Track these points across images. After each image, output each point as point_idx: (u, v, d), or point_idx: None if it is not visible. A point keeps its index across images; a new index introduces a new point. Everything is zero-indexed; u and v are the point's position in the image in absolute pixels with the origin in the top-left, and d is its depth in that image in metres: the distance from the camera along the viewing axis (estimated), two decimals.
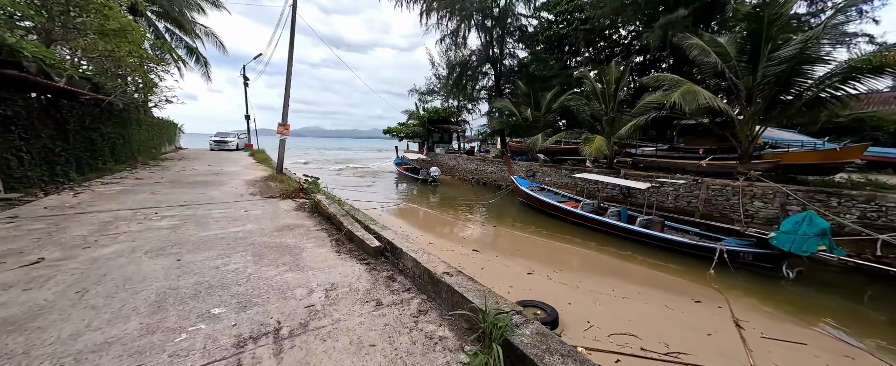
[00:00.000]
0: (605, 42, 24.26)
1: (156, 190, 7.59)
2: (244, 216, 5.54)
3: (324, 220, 5.43)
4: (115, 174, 9.78)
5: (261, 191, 8.12)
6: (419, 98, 34.63)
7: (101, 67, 11.03)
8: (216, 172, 11.68)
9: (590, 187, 13.88)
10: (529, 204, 13.66)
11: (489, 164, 21.68)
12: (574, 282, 6.12)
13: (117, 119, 12.01)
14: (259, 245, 4.14)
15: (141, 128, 15.03)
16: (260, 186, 8.95)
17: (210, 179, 9.67)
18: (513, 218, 12.40)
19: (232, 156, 19.34)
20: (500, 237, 9.49)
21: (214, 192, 7.74)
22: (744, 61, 8.94)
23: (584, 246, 8.83)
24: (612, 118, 12.81)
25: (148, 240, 4.15)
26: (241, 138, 26.32)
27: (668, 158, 13.13)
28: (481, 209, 13.71)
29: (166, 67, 16.15)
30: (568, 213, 11.08)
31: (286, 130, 11.06)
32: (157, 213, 5.52)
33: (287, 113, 11.14)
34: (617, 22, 24.55)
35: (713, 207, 9.85)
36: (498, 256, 7.50)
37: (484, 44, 20.34)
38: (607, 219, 9.75)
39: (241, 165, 14.20)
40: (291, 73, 11.12)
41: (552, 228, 10.74)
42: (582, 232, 10.16)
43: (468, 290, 2.51)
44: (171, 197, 6.86)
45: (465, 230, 10.65)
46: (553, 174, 16.26)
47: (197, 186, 8.50)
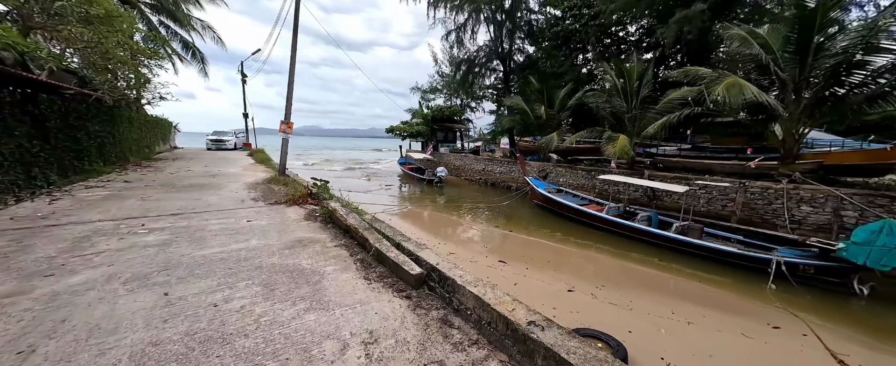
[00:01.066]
0: (610, 39, 23.54)
1: (146, 195, 6.77)
2: (247, 228, 4.74)
3: (341, 233, 4.63)
4: (103, 177, 8.93)
5: (263, 196, 7.32)
6: (422, 96, 33.86)
7: (88, 60, 10.17)
8: (213, 173, 10.86)
9: (613, 190, 13.14)
10: (546, 207, 12.90)
11: (497, 164, 20.92)
12: (624, 302, 5.36)
13: (106, 116, 11.15)
14: (268, 269, 3.35)
15: (133, 126, 14.18)
16: (262, 189, 8.14)
17: (207, 182, 8.85)
18: (531, 222, 11.64)
19: (230, 156, 18.48)
20: (525, 246, 8.72)
21: (212, 197, 6.93)
22: (791, 52, 8.20)
23: (618, 256, 8.07)
24: (634, 116, 12.05)
25: (129, 263, 3.35)
26: (240, 137, 25.43)
27: (692, 159, 12.40)
28: (495, 212, 12.94)
29: (160, 62, 15.26)
30: (592, 217, 10.32)
31: (289, 129, 10.24)
32: (144, 224, 4.71)
33: (290, 110, 10.31)
34: (625, 18, 23.91)
35: (752, 211, 9.12)
36: (528, 268, 6.73)
37: (493, 38, 19.54)
38: (638, 225, 9.00)
39: (240, 166, 13.36)
40: (294, 69, 10.30)
41: (574, 234, 9.99)
42: (607, 238, 9.41)
43: (580, 357, 1.73)
44: (162, 204, 6.04)
45: (482, 236, 9.87)
46: (568, 175, 15.51)
47: (192, 190, 7.68)
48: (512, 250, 8.31)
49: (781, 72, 8.36)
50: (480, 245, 8.71)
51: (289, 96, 10.28)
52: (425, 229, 10.22)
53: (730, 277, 6.93)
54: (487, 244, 8.86)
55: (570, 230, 10.39)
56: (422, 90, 34.85)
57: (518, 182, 18.37)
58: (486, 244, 8.84)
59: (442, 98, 35.34)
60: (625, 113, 12.33)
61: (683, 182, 10.05)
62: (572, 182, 15.14)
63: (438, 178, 19.04)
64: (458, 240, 9.20)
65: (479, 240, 9.35)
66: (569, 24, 22.33)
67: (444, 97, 35.35)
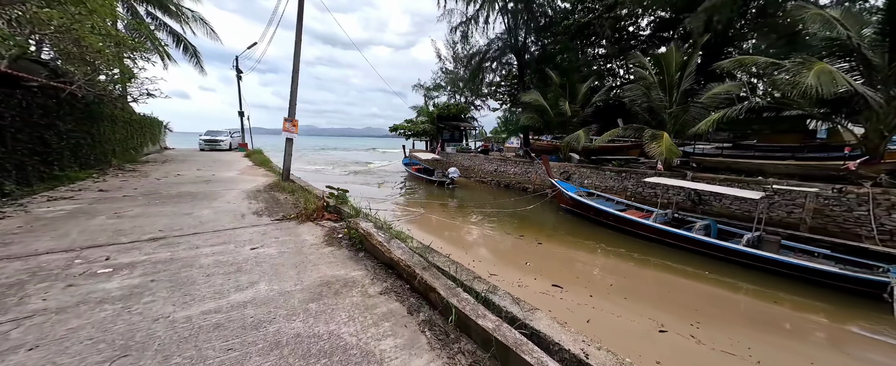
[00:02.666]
0: (620, 34, 22.39)
1: (122, 209, 5.47)
2: (251, 261, 3.49)
3: (381, 267, 3.39)
4: (75, 185, 7.60)
5: (267, 208, 6.05)
6: (425, 93, 32.58)
7: (59, 48, 8.81)
8: (207, 178, 9.54)
9: (647, 193, 11.98)
10: (576, 212, 11.73)
11: (511, 164, 19.72)
12: (742, 351, 4.17)
13: (82, 114, 9.79)
14: (291, 348, 2.10)
15: (116, 125, 12.80)
16: (265, 199, 6.86)
17: (199, 190, 7.55)
18: (561, 230, 10.47)
19: (225, 157, 17.10)
20: (571, 262, 7.53)
21: (204, 210, 5.64)
22: (881, 34, 7.09)
23: (689, 275, 6.85)
24: (675, 111, 10.88)
25: (65, 343, 2.09)
26: (235, 137, 24.00)
27: (738, 158, 11.26)
28: (519, 218, 11.75)
29: (146, 55, 13.86)
30: (636, 225, 9.15)
31: (294, 127, 8.95)
32: (109, 258, 3.44)
33: (294, 107, 9.03)
34: (637, 11, 22.79)
35: (828, 218, 7.99)
36: (592, 296, 5.53)
37: (508, 29, 18.31)
38: (696, 235, 7.83)
39: (237, 169, 12.04)
40: (299, 59, 9.01)
41: (614, 243, 8.84)
42: (654, 249, 8.27)
43: None
44: (140, 222, 4.76)
45: (516, 249, 8.65)
46: (594, 176, 14.34)
47: (181, 200, 6.38)
48: (559, 268, 7.10)
49: (873, 58, 7.21)
50: (519, 260, 7.50)
51: (293, 91, 8.99)
52: (451, 242, 9.00)
53: (828, 301, 5.79)
54: (527, 259, 7.65)
55: (609, 239, 9.24)
56: (425, 88, 33.62)
57: (535, 184, 17.19)
58: (526, 259, 7.63)
59: (446, 95, 34.15)
60: (665, 108, 11.15)
61: (753, 187, 8.85)
62: (599, 184, 13.98)
63: (450, 179, 17.82)
64: (493, 254, 7.98)
65: (514, 254, 8.13)
66: (580, 18, 21.21)
67: (448, 94, 34.17)
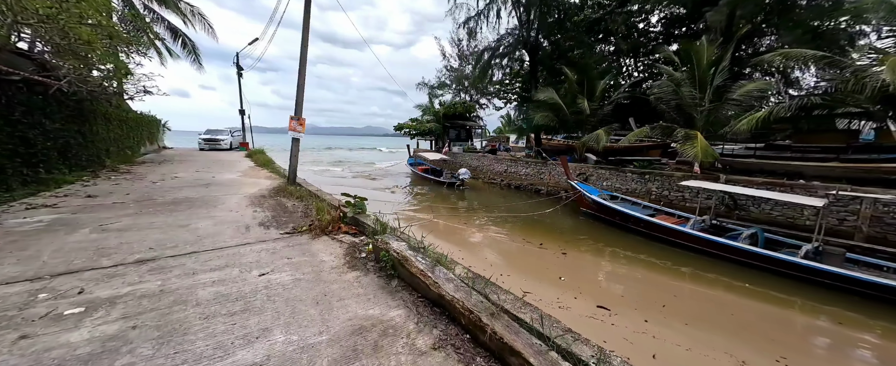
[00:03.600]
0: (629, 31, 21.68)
1: (109, 220, 4.77)
2: (261, 294, 2.79)
3: (424, 304, 2.69)
4: (61, 189, 6.90)
5: (275, 217, 5.35)
6: (429, 92, 31.85)
7: (44, 38, 8.10)
8: (206, 181, 8.84)
9: (675, 197, 11.28)
10: (599, 217, 11.04)
11: (522, 165, 19.01)
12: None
13: (73, 111, 9.12)
14: None
15: (111, 124, 12.12)
16: (271, 206, 6.17)
17: (197, 195, 6.85)
18: (585, 235, 9.78)
19: (226, 157, 16.41)
20: (612, 276, 6.83)
21: (203, 221, 4.95)
22: None
23: (749, 294, 6.15)
24: (707, 110, 10.16)
25: None
26: (236, 136, 23.29)
27: (774, 160, 10.56)
28: (537, 223, 11.06)
29: (142, 49, 13.15)
30: (671, 232, 8.46)
31: (301, 126, 8.25)
32: (82, 290, 2.74)
33: (301, 104, 8.32)
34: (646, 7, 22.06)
35: (888, 227, 7.29)
36: (647, 321, 4.84)
37: (520, 24, 17.56)
38: (742, 245, 7.14)
39: (239, 171, 11.34)
40: (306, 53, 8.30)
41: (645, 251, 8.17)
42: (692, 259, 7.61)
43: None
44: (128, 237, 4.06)
45: (543, 260, 7.93)
46: (614, 178, 13.64)
47: (177, 208, 5.68)
48: (597, 283, 6.41)
49: None
50: (550, 274, 6.81)
51: (300, 86, 8.28)
52: (469, 250, 8.31)
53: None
54: (557, 272, 6.96)
55: (638, 247, 8.57)
56: (430, 86, 32.89)
57: (549, 185, 16.50)
58: (556, 272, 6.94)
59: (450, 94, 33.41)
60: (696, 106, 10.43)
61: (813, 192, 8.13)
62: (620, 186, 13.28)
63: (461, 180, 17.13)
64: (519, 266, 7.28)
65: (542, 266, 7.43)
66: (591, 14, 20.50)
67: (452, 93, 33.42)
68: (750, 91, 10.12)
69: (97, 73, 11.60)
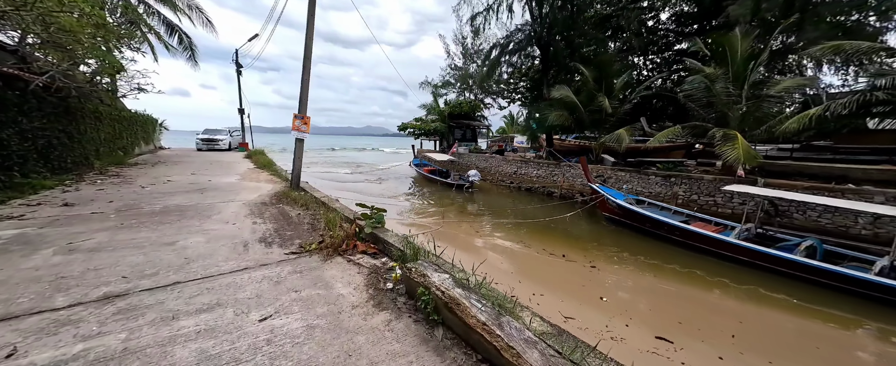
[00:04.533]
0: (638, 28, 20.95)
1: (81, 236, 4.02)
2: (264, 356, 2.03)
3: None
4: (38, 195, 6.14)
5: (278, 231, 4.59)
6: (433, 91, 31.13)
7: (21, 28, 7.35)
8: (202, 185, 8.09)
9: (706, 201, 10.53)
10: (621, 222, 10.30)
11: (533, 166, 18.27)
12: None
13: (57, 109, 8.37)
14: None
15: (101, 123, 11.36)
16: (273, 215, 5.41)
17: (190, 203, 6.09)
18: (608, 243, 9.05)
19: (224, 158, 15.65)
20: (658, 295, 6.06)
21: (193, 236, 4.19)
22: None
23: (826, 318, 5.40)
24: (745, 108, 9.39)
25: None
26: (235, 136, 22.53)
27: (814, 162, 9.80)
28: (551, 229, 10.32)
29: (135, 44, 12.40)
30: (713, 242, 7.69)
31: (305, 125, 7.49)
32: (15, 350, 1.98)
33: (306, 101, 7.57)
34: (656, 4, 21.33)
35: None
36: (722, 359, 4.08)
37: (533, 18, 16.79)
38: (799, 258, 6.38)
39: (238, 173, 10.58)
40: (311, 44, 7.54)
41: (680, 262, 7.44)
42: (737, 271, 6.90)
43: None
44: (98, 261, 3.31)
45: (577, 277, 7.11)
46: (635, 181, 12.89)
47: (165, 219, 4.93)
48: (643, 304, 5.66)
49: None
50: (587, 293, 6.05)
51: (304, 81, 7.51)
52: (492, 264, 7.54)
53: None
54: (596, 290, 6.21)
55: (673, 257, 7.87)
56: (433, 85, 32.17)
57: (563, 188, 15.76)
58: (595, 290, 6.19)
59: (455, 93, 32.69)
60: (732, 104, 9.64)
61: (869, 198, 7.38)
62: (642, 190, 12.53)
63: (470, 182, 16.39)
64: (550, 284, 6.50)
65: (575, 282, 6.66)
66: (601, 10, 19.77)
67: (456, 91, 32.70)
68: (788, 88, 9.37)
69: (86, 69, 10.89)
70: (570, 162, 16.04)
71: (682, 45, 24.92)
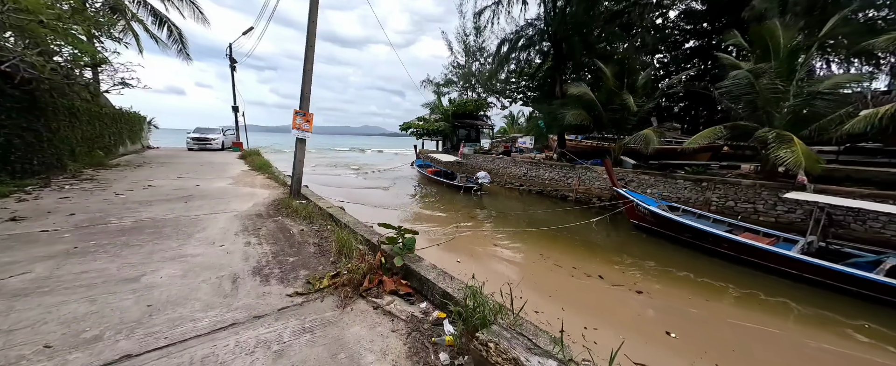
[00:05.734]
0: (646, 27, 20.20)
1: (7, 271, 3.00)
2: None
3: None
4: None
5: (277, 255, 3.60)
6: (435, 89, 30.22)
7: None
8: (188, 191, 7.05)
9: (742, 208, 9.65)
10: (651, 230, 9.42)
11: (545, 168, 17.33)
12: None
13: (22, 104, 7.30)
14: None
15: (79, 120, 10.28)
16: (271, 233, 4.41)
17: (170, 215, 5.06)
18: (643, 257, 8.10)
19: (216, 159, 14.57)
20: (742, 333, 5.12)
21: (165, 268, 3.19)
22: None
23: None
24: (795, 106, 8.49)
25: None
26: (228, 136, 21.34)
27: (867, 166, 8.94)
28: (573, 238, 9.41)
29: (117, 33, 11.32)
30: (771, 257, 6.79)
31: (308, 124, 6.48)
32: None
33: (309, 95, 6.56)
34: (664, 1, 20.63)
35: None
36: None
37: (547, 12, 15.87)
38: (884, 279, 5.50)
39: (231, 177, 9.54)
40: (314, 30, 6.53)
41: (737, 281, 6.54)
42: (803, 291, 6.03)
43: None
44: (18, 314, 2.30)
45: (627, 304, 6.10)
46: (661, 185, 12.00)
47: (134, 239, 3.91)
48: (727, 342, 4.72)
49: None
50: (653, 329, 5.10)
51: (306, 72, 6.50)
52: (523, 288, 6.55)
53: None
54: (660, 323, 5.27)
55: (721, 273, 6.96)
56: (436, 83, 31.25)
57: (578, 192, 14.84)
58: (659, 324, 5.25)
59: (457, 91, 31.81)
60: (778, 101, 8.74)
61: None
62: (668, 195, 11.62)
63: (479, 185, 15.45)
64: (607, 317, 5.47)
65: (630, 313, 5.68)
66: (612, 6, 18.95)
67: (459, 90, 31.82)
68: (839, 84, 8.52)
69: (60, 59, 9.81)
70: (585, 164, 15.14)
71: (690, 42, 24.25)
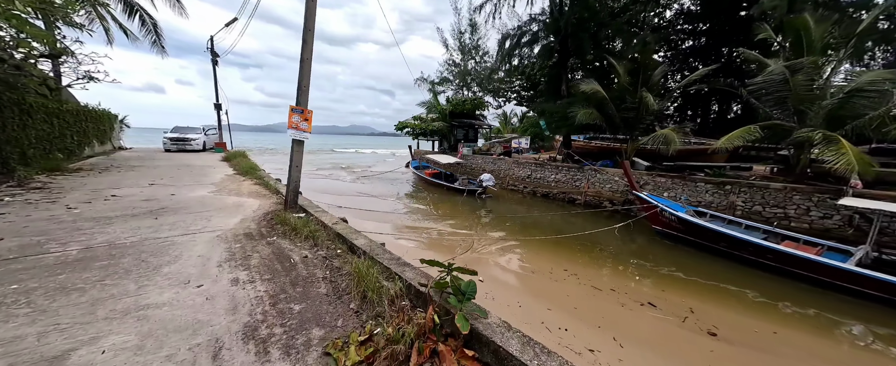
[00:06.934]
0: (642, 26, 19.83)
1: None
2: None
3: None
4: None
5: (277, 301, 2.60)
6: (430, 88, 29.27)
7: None
8: (160, 202, 5.91)
9: (768, 213, 9.06)
10: (677, 237, 8.74)
11: (550, 170, 16.61)
12: None
13: None
14: None
15: (33, 118, 8.94)
16: (264, 261, 3.38)
17: (132, 238, 3.97)
18: (687, 270, 7.36)
19: (196, 161, 13.24)
20: None
21: (115, 333, 2.15)
22: None
23: None
24: (832, 105, 7.91)
25: None
26: (210, 135, 19.85)
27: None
28: (599, 249, 8.65)
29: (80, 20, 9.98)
30: (826, 271, 6.13)
31: (306, 122, 5.44)
32: None
33: (307, 88, 5.52)
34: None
35: None
36: None
37: (553, 6, 15.13)
38: None
39: (212, 183, 8.37)
40: (315, 5, 5.50)
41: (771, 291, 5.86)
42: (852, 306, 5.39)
43: None
44: None
45: (690, 338, 5.30)
46: (679, 188, 11.38)
47: (75, 279, 2.84)
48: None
49: None
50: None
51: (304, 61, 5.45)
52: (556, 310, 5.65)
53: None
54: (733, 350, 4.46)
55: (772, 287, 6.26)
56: (430, 81, 30.33)
57: (588, 195, 14.14)
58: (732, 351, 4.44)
59: (452, 90, 30.98)
60: (814, 99, 8.14)
61: None
62: (686, 199, 11.01)
63: (483, 188, 14.59)
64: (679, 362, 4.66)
65: (705, 354, 4.85)
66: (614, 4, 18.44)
67: (455, 89, 30.99)
68: (873, 81, 7.98)
69: (7, 47, 8.48)
70: (594, 166, 14.45)
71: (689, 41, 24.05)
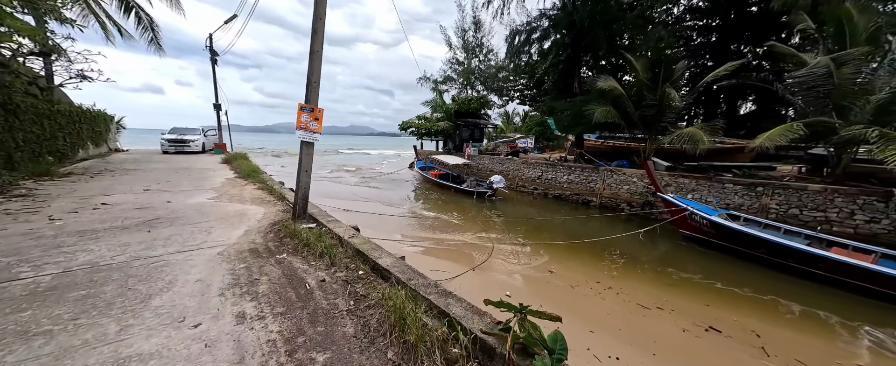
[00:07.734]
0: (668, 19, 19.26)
1: None
2: None
3: None
4: None
5: (292, 347, 2.01)
6: (434, 86, 28.71)
7: None
8: (155, 211, 5.33)
9: (790, 215, 8.49)
10: (710, 241, 8.18)
11: (562, 170, 16.03)
12: None
13: None
14: None
15: (21, 119, 8.38)
16: (275, 287, 2.80)
17: (119, 258, 3.39)
18: (739, 285, 6.77)
19: (195, 163, 12.66)
20: None
21: None
22: None
23: None
24: (880, 100, 7.32)
25: None
26: (210, 137, 19.25)
27: None
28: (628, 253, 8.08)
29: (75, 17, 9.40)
30: (880, 280, 5.57)
31: (317, 122, 4.87)
32: None
33: (317, 83, 4.94)
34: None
35: None
36: None
37: (565, 1, 14.54)
38: None
39: (212, 189, 7.79)
40: (325, 2, 4.91)
41: (838, 308, 5.29)
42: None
43: None
44: None
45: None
46: (704, 189, 10.80)
47: (46, 317, 2.25)
48: None
49: None
50: None
51: (314, 53, 4.87)
52: (618, 337, 5.07)
53: None
54: None
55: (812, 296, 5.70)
56: (434, 80, 29.75)
57: (604, 196, 13.56)
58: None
59: (456, 88, 30.42)
60: (856, 94, 7.56)
61: None
62: (713, 200, 10.44)
63: (493, 190, 14.03)
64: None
65: None
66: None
67: (458, 87, 30.42)
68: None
69: None
70: (608, 166, 13.88)
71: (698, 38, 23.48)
